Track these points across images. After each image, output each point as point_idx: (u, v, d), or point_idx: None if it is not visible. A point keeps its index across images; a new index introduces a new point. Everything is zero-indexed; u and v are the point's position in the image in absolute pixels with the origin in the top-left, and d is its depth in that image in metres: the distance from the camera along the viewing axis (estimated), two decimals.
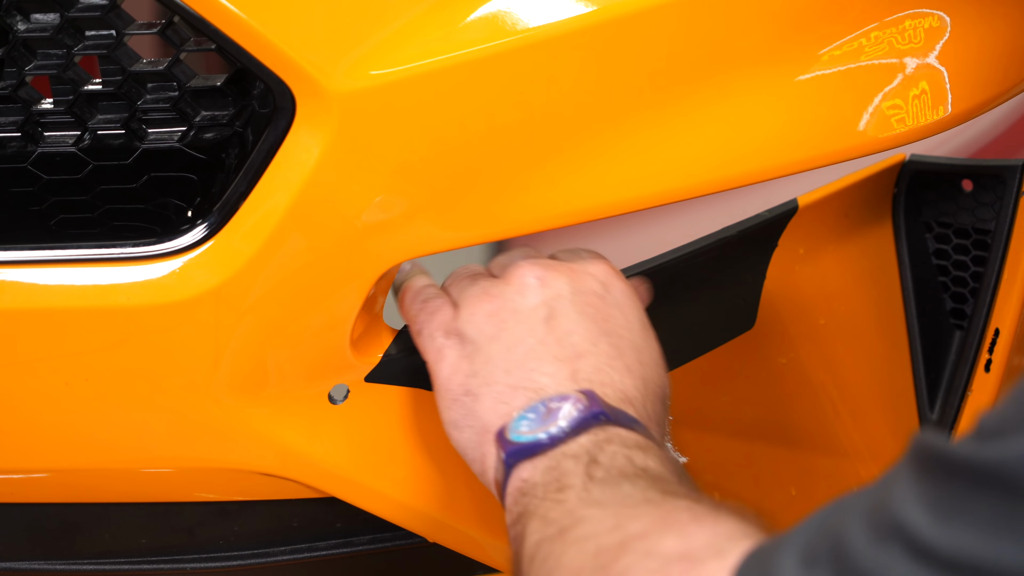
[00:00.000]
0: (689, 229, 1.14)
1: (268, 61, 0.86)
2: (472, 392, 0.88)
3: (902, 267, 1.19)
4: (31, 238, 0.92)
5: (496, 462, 0.84)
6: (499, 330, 0.89)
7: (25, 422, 0.95)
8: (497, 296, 0.90)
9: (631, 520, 0.73)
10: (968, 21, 0.98)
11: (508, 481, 0.82)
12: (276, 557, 1.04)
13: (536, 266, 0.91)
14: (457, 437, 0.88)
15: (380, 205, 0.89)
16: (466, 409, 0.88)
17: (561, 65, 0.89)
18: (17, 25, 0.89)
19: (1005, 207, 1.14)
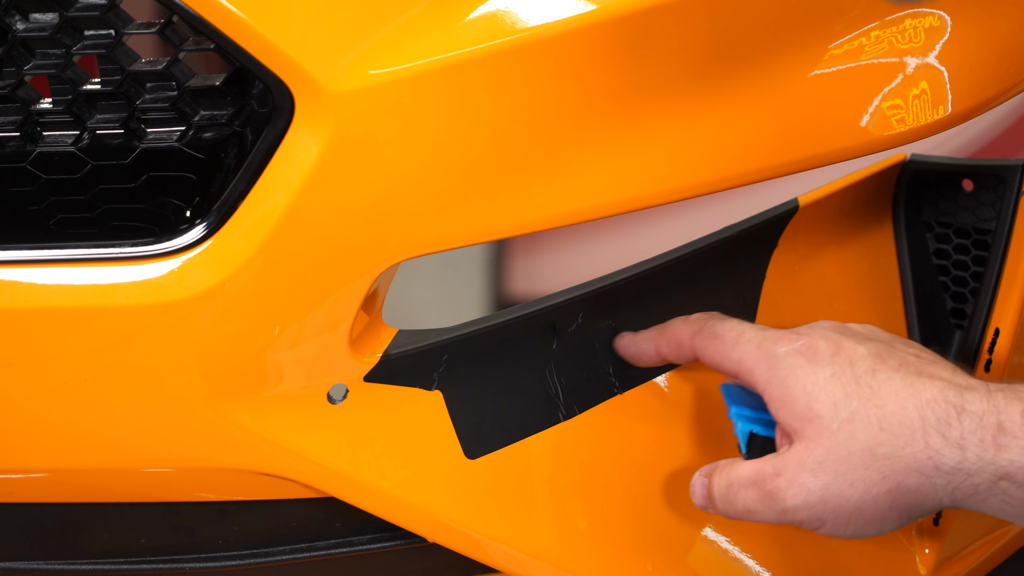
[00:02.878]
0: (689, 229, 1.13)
1: (267, 61, 0.86)
2: None
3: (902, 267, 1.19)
4: (30, 238, 0.92)
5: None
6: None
7: (24, 422, 0.94)
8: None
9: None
10: (968, 21, 0.98)
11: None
12: (276, 557, 1.04)
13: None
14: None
15: (379, 205, 0.89)
16: None
17: (561, 64, 0.88)
18: (16, 24, 0.89)
19: (1005, 207, 1.14)
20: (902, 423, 0.88)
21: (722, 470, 0.94)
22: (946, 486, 0.88)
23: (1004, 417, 0.87)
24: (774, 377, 0.92)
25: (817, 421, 0.90)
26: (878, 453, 0.88)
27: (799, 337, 0.94)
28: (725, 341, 0.96)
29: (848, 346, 0.93)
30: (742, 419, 0.96)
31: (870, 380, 0.90)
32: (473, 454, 1.00)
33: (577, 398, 1.04)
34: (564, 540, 1.02)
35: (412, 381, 0.98)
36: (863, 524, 0.90)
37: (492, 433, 1.01)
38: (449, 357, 0.99)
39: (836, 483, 0.89)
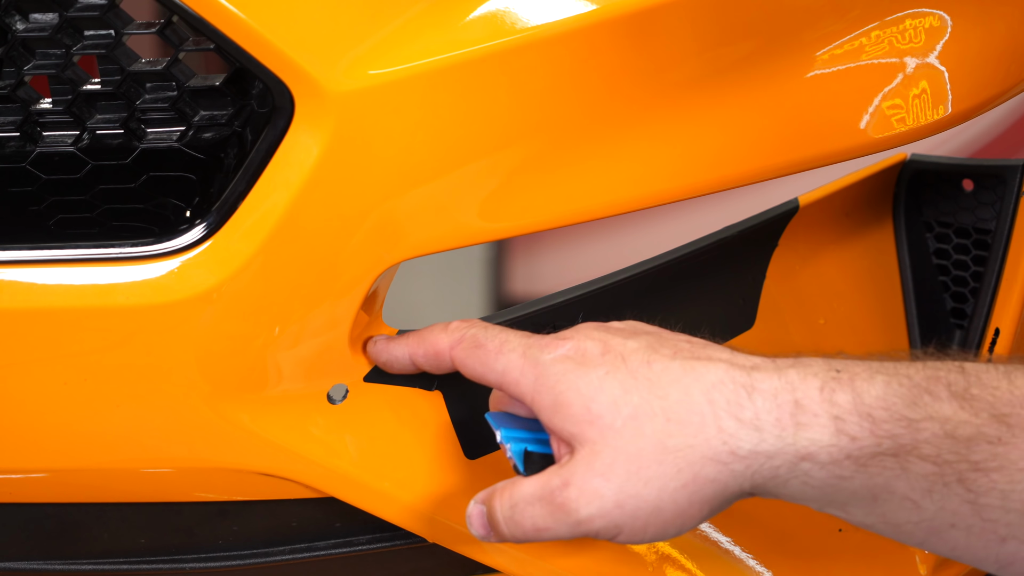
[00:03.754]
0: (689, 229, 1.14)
1: (267, 61, 0.86)
2: None
3: (902, 267, 1.19)
4: (30, 238, 0.92)
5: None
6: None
7: (24, 422, 0.94)
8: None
9: None
10: (968, 21, 0.98)
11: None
12: (276, 557, 1.04)
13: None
14: None
15: (379, 205, 0.89)
16: None
17: (561, 64, 0.88)
18: (16, 25, 0.89)
19: (1006, 207, 1.14)
20: (690, 410, 0.83)
21: (502, 492, 0.87)
22: (745, 471, 0.83)
23: (800, 394, 0.82)
24: (543, 385, 0.87)
25: (598, 421, 0.84)
26: (669, 445, 0.83)
27: (564, 341, 0.88)
28: (488, 351, 0.90)
29: (616, 343, 0.87)
30: (513, 440, 0.90)
31: (647, 372, 0.85)
32: (473, 454, 1.00)
33: None
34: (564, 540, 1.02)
35: (412, 381, 0.98)
36: (663, 524, 0.84)
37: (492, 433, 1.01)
38: None
39: (630, 484, 0.83)
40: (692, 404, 0.84)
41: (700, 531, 1.05)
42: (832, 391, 0.82)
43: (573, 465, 0.85)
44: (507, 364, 0.89)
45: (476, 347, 0.91)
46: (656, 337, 0.88)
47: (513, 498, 0.87)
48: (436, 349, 0.93)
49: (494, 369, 0.89)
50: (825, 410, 0.82)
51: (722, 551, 1.06)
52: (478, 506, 0.89)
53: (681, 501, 0.84)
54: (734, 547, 1.06)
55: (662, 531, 0.85)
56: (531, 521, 0.86)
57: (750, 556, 1.07)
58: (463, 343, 0.91)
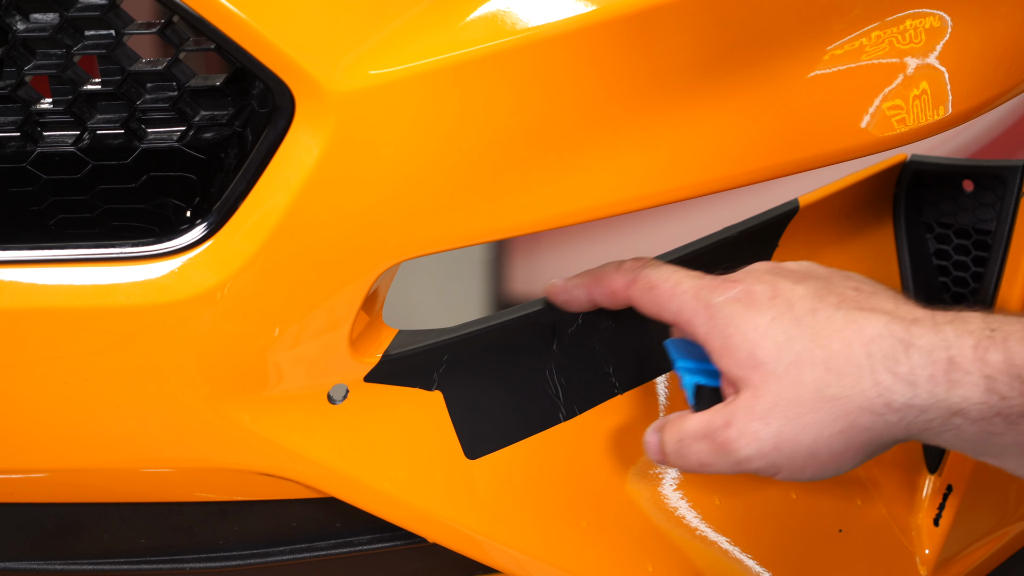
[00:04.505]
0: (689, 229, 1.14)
1: (267, 61, 0.86)
2: None
3: (903, 267, 1.19)
4: (30, 238, 0.92)
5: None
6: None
7: (24, 422, 0.94)
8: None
9: None
10: (969, 21, 0.98)
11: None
12: (276, 557, 1.04)
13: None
14: None
15: (379, 205, 0.89)
16: None
17: (561, 64, 0.89)
18: (16, 25, 0.89)
19: (1006, 207, 1.14)
20: (848, 362, 0.87)
21: (672, 424, 0.93)
22: (899, 422, 0.86)
23: (955, 352, 0.85)
24: (714, 327, 0.91)
25: (762, 368, 0.88)
26: (827, 394, 0.87)
27: (735, 284, 0.92)
28: (661, 292, 0.94)
29: (785, 287, 0.91)
30: (687, 372, 0.94)
31: (811, 321, 0.89)
32: (473, 454, 1.00)
33: (577, 398, 1.04)
34: (564, 540, 1.02)
35: (412, 381, 0.98)
36: (819, 466, 0.89)
37: (492, 433, 1.01)
38: (449, 357, 0.99)
39: (787, 428, 0.87)
40: (851, 356, 0.87)
41: (700, 531, 1.05)
42: (985, 350, 0.84)
43: (735, 406, 0.89)
44: (680, 305, 0.93)
45: (650, 288, 0.95)
46: (825, 283, 0.92)
47: (681, 432, 0.92)
48: (612, 289, 0.98)
49: (668, 309, 0.94)
50: (977, 368, 0.84)
51: (722, 551, 1.06)
52: (654, 434, 0.94)
53: (836, 447, 0.88)
54: (734, 547, 1.06)
55: (819, 472, 0.89)
56: (696, 456, 0.91)
57: (750, 556, 1.07)
58: (637, 283, 0.96)
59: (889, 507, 1.13)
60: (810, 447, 0.87)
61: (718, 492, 1.06)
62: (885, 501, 1.12)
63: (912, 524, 1.13)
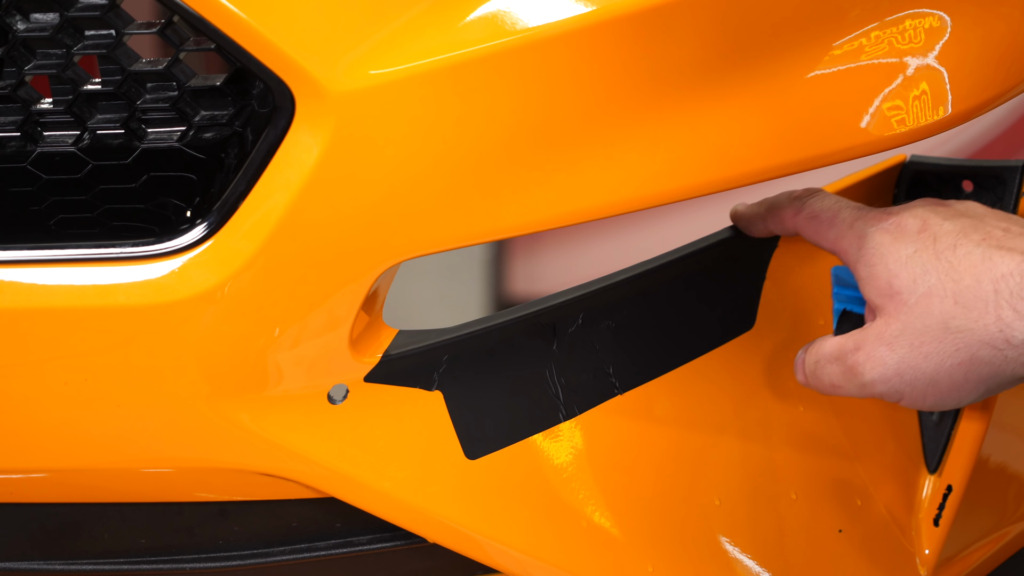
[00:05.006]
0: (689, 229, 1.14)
1: (267, 61, 0.86)
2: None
3: None
4: (30, 238, 0.92)
5: None
6: None
7: (24, 422, 0.94)
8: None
9: None
10: (968, 21, 0.98)
11: None
12: (276, 557, 1.04)
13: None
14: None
15: (380, 205, 0.89)
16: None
17: (561, 64, 0.89)
18: (16, 25, 0.89)
19: (1005, 208, 1.13)
20: (976, 296, 0.90)
21: (814, 346, 0.98)
22: (1018, 358, 0.89)
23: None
24: (863, 256, 0.95)
25: (897, 297, 0.92)
26: (951, 326, 0.90)
27: (889, 216, 0.96)
28: (822, 221, 0.99)
29: (935, 222, 0.94)
30: (839, 298, 1.01)
31: (950, 255, 0.92)
32: (473, 454, 1.00)
33: (577, 398, 1.04)
34: (564, 540, 1.02)
35: (412, 381, 0.98)
36: (940, 395, 0.92)
37: (492, 433, 1.01)
38: (449, 357, 0.99)
39: (911, 356, 0.91)
40: (980, 291, 0.90)
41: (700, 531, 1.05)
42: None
43: (867, 332, 0.94)
44: (837, 234, 0.98)
45: (812, 217, 1.00)
46: (976, 221, 0.94)
47: (818, 354, 0.97)
48: (782, 219, 1.03)
49: (827, 237, 0.99)
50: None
51: (722, 551, 1.06)
52: (800, 355, 1.00)
53: (957, 377, 0.91)
54: (734, 547, 1.06)
55: (939, 401, 0.93)
56: (828, 377, 0.96)
57: (749, 556, 1.07)
58: (803, 212, 1.01)
59: (889, 507, 1.13)
60: (931, 376, 0.91)
61: (718, 492, 1.07)
62: (885, 501, 1.12)
63: (912, 524, 1.13)
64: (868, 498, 1.12)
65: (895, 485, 1.13)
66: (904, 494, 1.14)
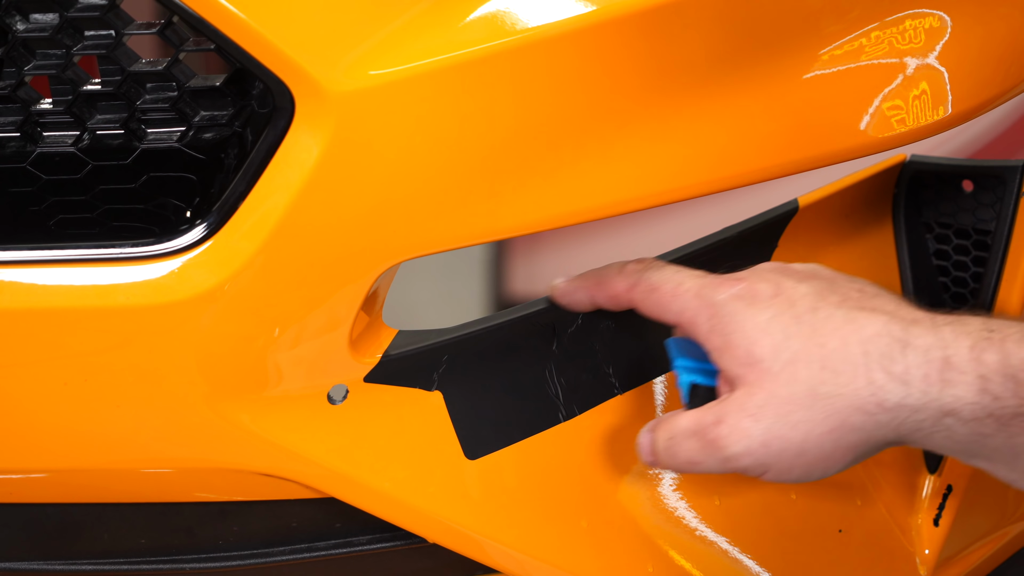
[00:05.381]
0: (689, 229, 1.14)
1: (267, 61, 0.86)
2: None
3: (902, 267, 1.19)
4: (30, 238, 0.92)
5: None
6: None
7: (24, 422, 0.94)
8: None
9: None
10: (968, 21, 0.98)
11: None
12: (276, 557, 1.04)
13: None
14: None
15: (379, 205, 0.89)
16: None
17: (561, 65, 0.89)
18: (16, 25, 0.89)
19: (1005, 208, 1.14)
20: (844, 360, 0.86)
21: (664, 423, 0.92)
22: (890, 422, 0.85)
23: (951, 351, 0.84)
24: (715, 325, 0.90)
25: (758, 365, 0.88)
26: (820, 392, 0.86)
27: (739, 281, 0.92)
28: (664, 293, 0.94)
29: (788, 286, 0.90)
30: (685, 371, 0.94)
31: (811, 318, 0.88)
32: (473, 454, 1.00)
33: (577, 398, 1.04)
34: (564, 540, 1.02)
35: (412, 381, 0.98)
36: (807, 466, 0.88)
37: (492, 433, 1.01)
38: (449, 357, 0.99)
39: (777, 425, 0.87)
40: (847, 354, 0.87)
41: (700, 531, 1.05)
42: (982, 350, 0.84)
43: (728, 404, 0.89)
44: (683, 305, 0.93)
45: (652, 290, 0.95)
46: (829, 283, 0.91)
47: (672, 430, 0.92)
48: (614, 292, 0.98)
49: (670, 310, 0.94)
50: (972, 368, 0.84)
51: (722, 551, 1.06)
52: (647, 434, 0.94)
53: (826, 446, 0.87)
54: (734, 547, 1.06)
55: (807, 473, 0.88)
56: (685, 454, 0.91)
57: (750, 556, 1.07)
58: (639, 287, 0.96)
59: (889, 507, 1.13)
60: (799, 445, 0.87)
61: (718, 492, 1.07)
62: (885, 501, 1.12)
63: (912, 524, 1.13)
64: (868, 498, 1.12)
65: (895, 485, 1.13)
66: (904, 494, 1.14)
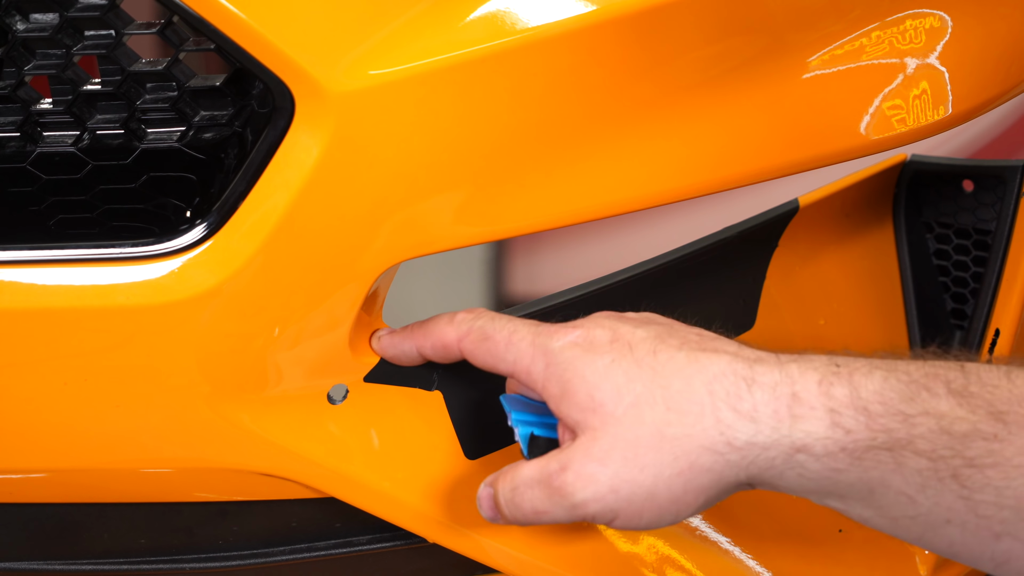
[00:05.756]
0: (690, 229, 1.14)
1: (267, 61, 0.86)
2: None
3: (903, 267, 1.19)
4: (30, 238, 0.92)
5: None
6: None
7: (24, 422, 0.94)
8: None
9: None
10: (969, 21, 0.98)
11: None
12: (276, 557, 1.04)
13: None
14: None
15: (379, 205, 0.89)
16: None
17: (561, 65, 0.88)
18: (16, 25, 0.89)
19: (1006, 207, 1.14)
20: (690, 400, 0.85)
21: (505, 475, 0.90)
22: (740, 461, 0.84)
23: (799, 387, 0.83)
24: (552, 373, 0.88)
25: (601, 409, 0.86)
26: (667, 434, 0.84)
27: (574, 329, 0.90)
28: (497, 342, 0.91)
29: (626, 331, 0.89)
30: (522, 424, 0.92)
31: (652, 361, 0.86)
32: (473, 454, 1.00)
33: None
34: (564, 540, 1.02)
35: (412, 381, 0.98)
36: (658, 511, 0.85)
37: (492, 433, 1.01)
38: None
39: (625, 469, 0.85)
40: (692, 394, 0.85)
41: (700, 531, 1.05)
42: (830, 384, 0.83)
43: (572, 450, 0.86)
44: (518, 354, 0.90)
45: (484, 339, 0.92)
46: (667, 328, 0.90)
47: (514, 480, 0.89)
48: (444, 342, 0.94)
49: (504, 360, 0.91)
50: (822, 403, 0.83)
51: (722, 551, 1.06)
52: (487, 488, 0.91)
53: (676, 488, 0.85)
54: (734, 547, 1.06)
55: (657, 518, 0.86)
56: (530, 504, 0.88)
57: (750, 556, 1.07)
58: (471, 335, 0.93)
59: None
60: (649, 489, 0.85)
61: None
62: None
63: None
64: None
65: None
66: None
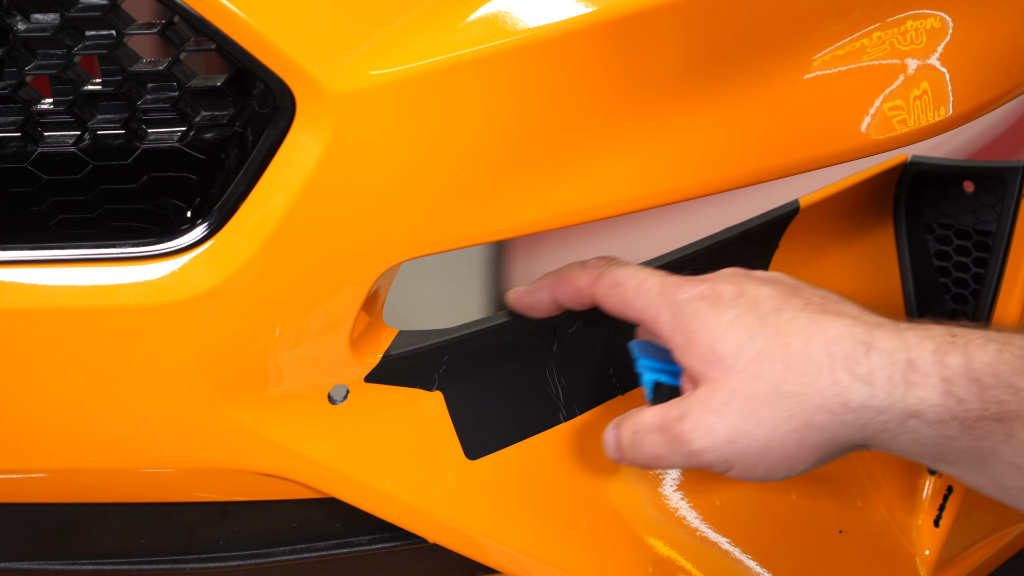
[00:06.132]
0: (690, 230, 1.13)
1: (268, 61, 0.86)
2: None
3: (903, 268, 1.19)
4: (31, 238, 0.92)
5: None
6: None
7: (25, 422, 0.94)
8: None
9: None
10: (970, 22, 0.98)
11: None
12: (276, 557, 1.04)
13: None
14: None
15: (380, 205, 0.89)
16: None
17: (561, 65, 0.88)
18: (17, 25, 0.89)
19: (1006, 208, 1.14)
20: (809, 360, 0.86)
21: (629, 419, 0.92)
22: (855, 423, 0.86)
23: (915, 355, 0.85)
24: (679, 323, 0.90)
25: (722, 362, 0.88)
26: (784, 391, 0.86)
27: (702, 282, 0.92)
28: (627, 289, 0.93)
29: (752, 287, 0.91)
30: (648, 370, 0.94)
31: (775, 319, 0.88)
32: (473, 454, 1.00)
33: (578, 399, 1.04)
34: (564, 541, 1.02)
35: (413, 382, 0.98)
36: (772, 464, 0.88)
37: (492, 434, 1.01)
38: (450, 357, 0.99)
39: (742, 422, 0.87)
40: (811, 354, 0.87)
41: (700, 531, 1.05)
42: (945, 354, 0.85)
43: (692, 399, 0.89)
44: (646, 302, 0.92)
45: (615, 285, 0.94)
46: (792, 287, 0.92)
47: (636, 425, 0.91)
48: (576, 287, 0.97)
49: (633, 307, 0.93)
50: (936, 371, 0.84)
51: (722, 551, 1.06)
52: (612, 430, 0.94)
53: (791, 444, 0.87)
54: (734, 547, 1.06)
55: (771, 471, 0.88)
56: (650, 448, 0.90)
57: (750, 556, 1.07)
58: (602, 280, 0.95)
59: (889, 508, 1.13)
60: (764, 443, 0.87)
61: (719, 493, 1.07)
62: (885, 502, 1.13)
63: (912, 525, 1.13)
64: (868, 499, 1.12)
65: (896, 486, 1.13)
66: (905, 495, 1.14)
